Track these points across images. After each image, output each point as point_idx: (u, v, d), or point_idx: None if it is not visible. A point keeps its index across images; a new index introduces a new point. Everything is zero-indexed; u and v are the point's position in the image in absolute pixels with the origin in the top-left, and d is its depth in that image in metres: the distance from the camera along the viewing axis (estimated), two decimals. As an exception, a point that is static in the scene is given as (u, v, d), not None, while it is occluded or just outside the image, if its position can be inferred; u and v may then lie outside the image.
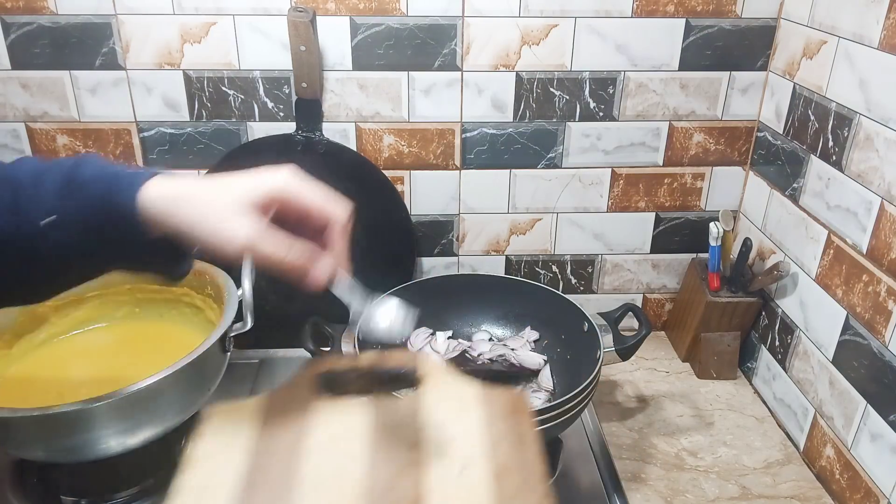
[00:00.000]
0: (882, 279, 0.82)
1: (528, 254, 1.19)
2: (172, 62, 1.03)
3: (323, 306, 1.08)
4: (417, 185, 1.12)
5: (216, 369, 0.86)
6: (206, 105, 1.05)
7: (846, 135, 0.88)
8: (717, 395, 1.09)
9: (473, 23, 1.02)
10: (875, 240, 0.84)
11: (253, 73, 1.04)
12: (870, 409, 0.84)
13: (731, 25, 1.04)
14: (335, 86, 1.05)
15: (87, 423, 0.73)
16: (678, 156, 1.13)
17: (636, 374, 1.13)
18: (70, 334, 0.95)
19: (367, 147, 1.09)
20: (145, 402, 0.75)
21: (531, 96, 1.07)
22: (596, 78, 1.06)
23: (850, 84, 0.88)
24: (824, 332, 0.93)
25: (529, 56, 1.04)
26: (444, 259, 1.18)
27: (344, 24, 1.01)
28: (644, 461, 0.95)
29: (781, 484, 0.92)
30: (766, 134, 1.09)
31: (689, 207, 1.17)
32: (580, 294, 1.22)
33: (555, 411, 0.78)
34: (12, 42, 1.00)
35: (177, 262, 0.60)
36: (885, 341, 0.81)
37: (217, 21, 1.00)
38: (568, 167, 1.12)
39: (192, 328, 0.95)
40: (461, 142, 1.09)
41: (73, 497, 0.86)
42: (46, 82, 1.03)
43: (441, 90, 1.06)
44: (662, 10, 1.02)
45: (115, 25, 1.00)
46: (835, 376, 0.91)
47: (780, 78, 1.04)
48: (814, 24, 0.95)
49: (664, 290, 1.23)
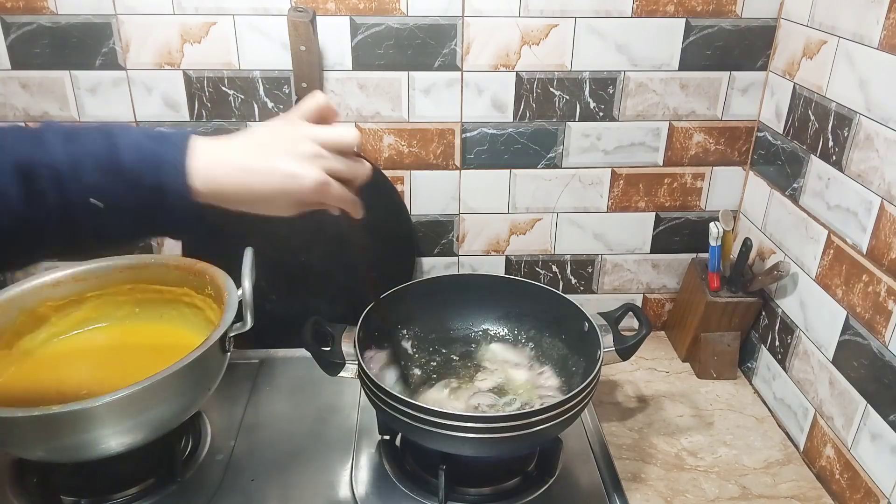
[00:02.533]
0: (882, 279, 0.82)
1: (528, 254, 1.19)
2: (172, 62, 1.03)
3: (323, 306, 1.09)
4: (417, 185, 1.12)
5: (216, 369, 0.86)
6: (206, 105, 1.05)
7: (846, 135, 0.88)
8: (717, 395, 1.09)
9: (473, 23, 1.02)
10: (875, 240, 0.84)
11: (253, 73, 1.04)
12: (870, 409, 0.84)
13: (731, 25, 1.04)
14: (335, 86, 1.05)
15: (87, 423, 0.73)
16: (678, 156, 1.13)
17: (636, 374, 1.13)
18: (70, 334, 0.95)
19: (367, 147, 1.09)
20: (145, 402, 0.75)
21: (531, 96, 1.07)
22: (596, 78, 1.06)
23: (850, 84, 0.88)
24: (824, 332, 0.93)
25: (529, 56, 1.04)
26: (444, 259, 1.18)
27: (344, 24, 1.01)
28: (644, 461, 0.95)
29: (781, 484, 0.92)
30: (766, 134, 1.09)
31: (689, 207, 1.17)
32: (580, 294, 1.22)
33: (555, 411, 0.78)
34: (12, 42, 1.00)
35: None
36: (885, 341, 0.81)
37: (217, 21, 1.00)
38: (568, 167, 1.12)
39: (192, 328, 0.95)
40: (461, 142, 1.10)
41: (73, 497, 0.85)
42: (46, 82, 1.03)
43: (441, 90, 1.06)
44: (662, 10, 1.02)
45: (115, 25, 1.00)
46: (835, 376, 0.91)
47: (780, 78, 1.04)
48: (814, 24, 0.95)
49: (664, 290, 1.23)
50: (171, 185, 0.53)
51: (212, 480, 0.88)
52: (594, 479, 0.91)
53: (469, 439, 0.77)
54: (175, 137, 0.55)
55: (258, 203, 0.56)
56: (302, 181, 0.56)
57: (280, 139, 0.58)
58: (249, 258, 0.84)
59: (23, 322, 0.92)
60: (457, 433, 0.77)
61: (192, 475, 0.89)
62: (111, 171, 0.52)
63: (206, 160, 0.54)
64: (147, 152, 0.53)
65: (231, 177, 0.55)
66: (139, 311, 0.98)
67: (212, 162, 0.54)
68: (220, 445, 0.94)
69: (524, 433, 0.77)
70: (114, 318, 0.98)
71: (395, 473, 0.90)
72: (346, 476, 0.90)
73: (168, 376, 0.75)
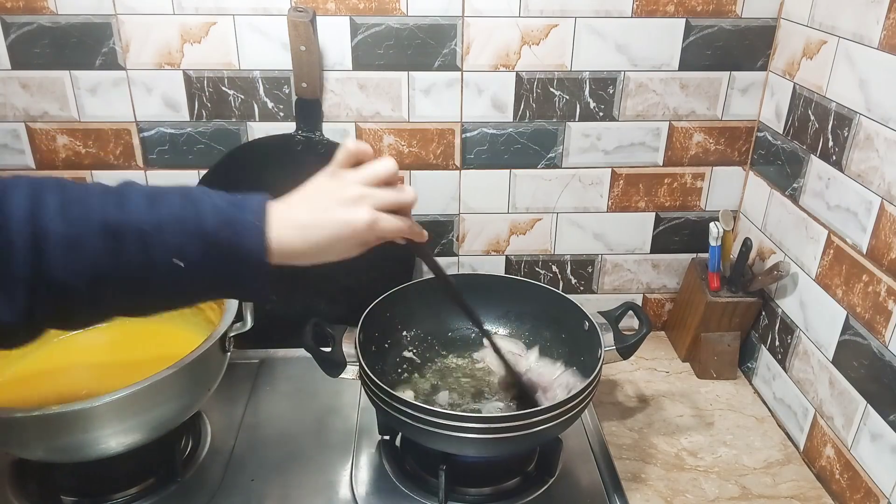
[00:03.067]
0: (882, 279, 0.82)
1: (528, 254, 1.19)
2: (172, 62, 1.03)
3: (323, 306, 1.09)
4: (417, 185, 1.12)
5: (216, 369, 0.86)
6: (206, 105, 1.05)
7: (846, 135, 0.88)
8: (717, 395, 1.09)
9: (473, 23, 1.02)
10: (875, 240, 0.84)
11: (253, 73, 1.04)
12: (870, 409, 0.84)
13: (731, 25, 1.04)
14: (335, 86, 1.05)
15: (87, 423, 0.73)
16: (678, 156, 1.13)
17: (636, 373, 1.13)
18: (70, 334, 0.95)
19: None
20: (145, 402, 0.75)
21: (531, 96, 1.07)
22: (596, 78, 1.06)
23: (850, 84, 0.88)
24: (824, 332, 0.93)
25: (529, 56, 1.04)
26: (445, 259, 1.18)
27: (344, 24, 1.01)
28: (644, 461, 0.95)
29: (781, 484, 0.92)
30: (766, 134, 1.09)
31: (689, 207, 1.17)
32: (580, 294, 1.22)
33: (555, 411, 0.78)
34: (12, 42, 1.00)
35: None
36: (885, 341, 0.81)
37: (217, 21, 1.00)
38: (568, 167, 1.12)
39: (192, 328, 0.95)
40: (461, 142, 1.10)
41: (73, 497, 0.86)
42: (46, 82, 1.03)
43: (441, 90, 1.06)
44: (662, 10, 1.02)
45: (115, 25, 1.00)
46: (835, 376, 0.91)
47: (780, 78, 1.04)
48: (814, 24, 0.95)
49: (664, 290, 1.23)
50: (251, 250, 0.56)
51: (212, 480, 0.88)
52: (594, 479, 0.91)
53: (469, 439, 0.77)
54: (253, 203, 0.58)
55: (321, 255, 0.60)
56: (354, 224, 0.59)
57: (326, 191, 0.61)
58: None
59: (23, 322, 0.91)
60: (457, 433, 0.77)
61: (192, 475, 0.89)
62: (195, 235, 0.54)
63: (276, 223, 0.57)
64: (229, 217, 0.56)
65: (294, 236, 0.58)
66: (139, 311, 0.98)
67: (280, 224, 0.57)
68: (220, 445, 0.94)
69: (524, 433, 0.77)
70: (114, 318, 0.98)
71: (395, 473, 0.90)
72: (346, 476, 0.90)
73: (168, 376, 0.75)
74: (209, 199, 0.56)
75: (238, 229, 0.55)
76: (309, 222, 0.59)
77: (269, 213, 0.57)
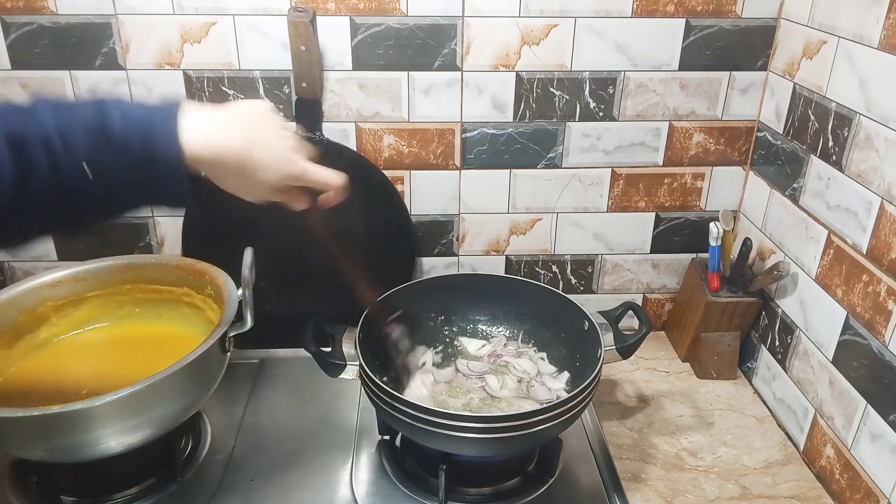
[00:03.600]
0: (882, 279, 0.82)
1: (528, 254, 1.19)
2: (172, 62, 1.03)
3: (323, 306, 1.09)
4: (417, 185, 1.12)
5: (216, 369, 0.86)
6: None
7: (846, 135, 0.88)
8: (717, 395, 1.09)
9: (473, 23, 1.02)
10: (875, 240, 0.84)
11: (253, 73, 1.04)
12: (870, 409, 0.84)
13: (731, 25, 1.04)
14: (335, 86, 1.05)
15: (87, 423, 0.73)
16: (678, 156, 1.13)
17: (636, 373, 1.13)
18: (70, 334, 0.95)
19: (367, 147, 1.09)
20: (145, 402, 0.75)
21: (531, 96, 1.07)
22: (596, 78, 1.06)
23: (850, 84, 0.88)
24: (824, 332, 0.93)
25: (529, 56, 1.04)
26: (445, 259, 1.18)
27: (344, 24, 1.01)
28: (644, 461, 0.95)
29: (781, 484, 0.92)
30: (766, 134, 1.09)
31: (689, 207, 1.17)
32: (580, 294, 1.22)
33: (555, 411, 0.78)
34: (12, 42, 1.00)
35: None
36: (885, 341, 0.81)
37: (217, 21, 1.00)
38: (568, 167, 1.12)
39: (192, 328, 0.95)
40: (461, 142, 1.09)
41: (73, 497, 0.86)
42: (46, 82, 1.03)
43: (441, 90, 1.06)
44: (662, 10, 1.02)
45: (115, 25, 1.00)
46: (835, 376, 0.91)
47: (780, 78, 1.04)
48: (814, 24, 0.95)
49: (664, 290, 1.23)
50: (162, 149, 0.55)
51: (212, 480, 0.88)
52: (594, 479, 0.91)
53: (469, 439, 0.77)
54: (165, 104, 0.57)
55: (243, 173, 0.59)
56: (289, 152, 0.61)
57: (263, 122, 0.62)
58: (249, 258, 0.84)
59: (23, 322, 0.91)
60: (457, 433, 0.77)
61: (192, 475, 0.89)
62: (102, 139, 0.53)
63: (195, 124, 0.56)
64: (137, 118, 0.55)
65: (219, 139, 0.57)
66: (139, 311, 0.98)
67: (201, 125, 0.57)
68: (220, 445, 0.94)
69: (524, 433, 0.77)
70: (114, 317, 0.98)
71: (395, 473, 0.90)
72: (346, 476, 0.90)
73: (168, 376, 0.75)
74: (120, 104, 0.56)
75: (147, 130, 0.55)
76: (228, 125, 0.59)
77: (183, 113, 0.56)
